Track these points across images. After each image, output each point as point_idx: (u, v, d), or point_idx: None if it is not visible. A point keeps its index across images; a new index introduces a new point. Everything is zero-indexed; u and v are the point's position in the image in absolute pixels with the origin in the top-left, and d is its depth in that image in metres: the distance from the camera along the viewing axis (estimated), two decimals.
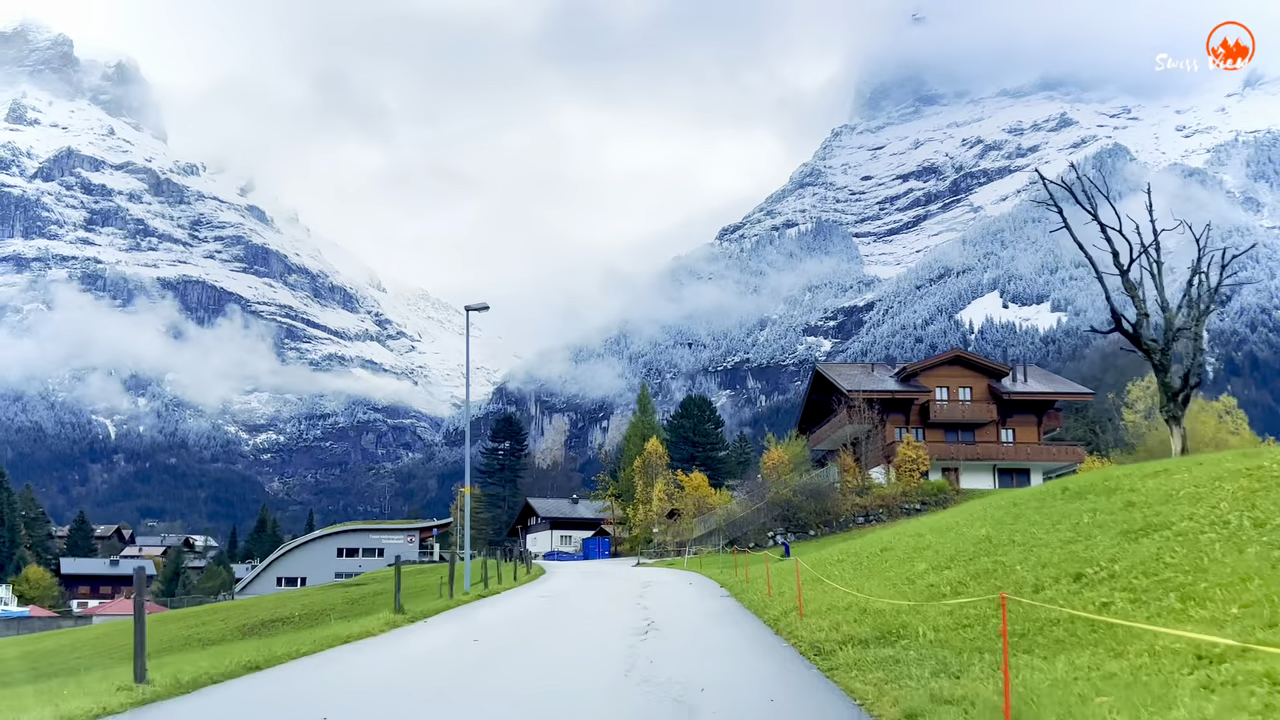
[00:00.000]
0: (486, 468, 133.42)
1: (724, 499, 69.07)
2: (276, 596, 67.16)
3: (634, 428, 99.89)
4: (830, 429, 69.33)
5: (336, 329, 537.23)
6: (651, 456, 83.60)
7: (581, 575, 44.00)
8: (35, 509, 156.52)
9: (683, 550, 62.46)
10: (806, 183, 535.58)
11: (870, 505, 55.20)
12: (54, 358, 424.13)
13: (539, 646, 16.72)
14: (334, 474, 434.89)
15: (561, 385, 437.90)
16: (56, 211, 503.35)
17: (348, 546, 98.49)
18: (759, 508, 57.73)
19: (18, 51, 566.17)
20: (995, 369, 67.70)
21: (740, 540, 55.41)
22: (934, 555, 20.85)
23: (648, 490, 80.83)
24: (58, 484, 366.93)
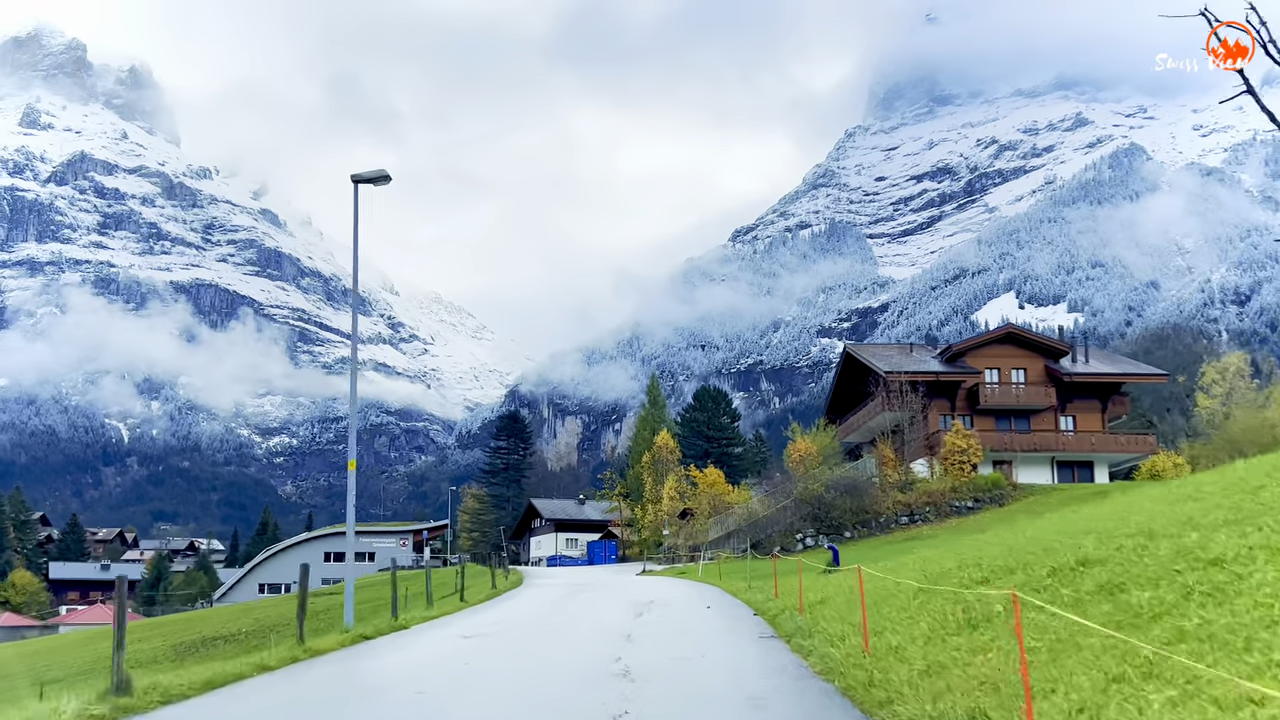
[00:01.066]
0: (490, 467, 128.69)
1: (743, 497, 62.58)
2: (241, 607, 64.33)
3: (643, 421, 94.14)
4: (863, 417, 62.05)
5: (349, 332, 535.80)
6: (661, 451, 77.59)
7: (565, 590, 34.54)
8: (26, 512, 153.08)
9: (697, 555, 56.01)
10: (820, 184, 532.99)
11: (915, 503, 48.89)
12: (67, 361, 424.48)
13: None
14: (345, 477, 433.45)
15: (574, 388, 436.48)
16: (70, 215, 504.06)
17: (336, 550, 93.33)
18: (785, 506, 50.97)
19: (31, 56, 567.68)
20: (1053, 347, 60.51)
21: (764, 543, 48.95)
22: None
23: (657, 488, 74.86)
24: (71, 487, 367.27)
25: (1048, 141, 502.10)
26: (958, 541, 31.45)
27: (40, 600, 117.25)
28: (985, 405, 57.86)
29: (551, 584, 40.25)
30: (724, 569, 39.73)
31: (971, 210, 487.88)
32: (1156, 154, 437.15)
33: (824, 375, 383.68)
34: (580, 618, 22.82)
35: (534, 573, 57.38)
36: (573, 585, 37.85)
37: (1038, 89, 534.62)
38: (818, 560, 39.41)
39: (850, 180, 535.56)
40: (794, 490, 50.85)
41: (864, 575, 14.68)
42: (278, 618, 44.45)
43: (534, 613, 24.99)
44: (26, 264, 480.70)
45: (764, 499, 55.77)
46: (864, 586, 14.08)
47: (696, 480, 67.36)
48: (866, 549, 40.78)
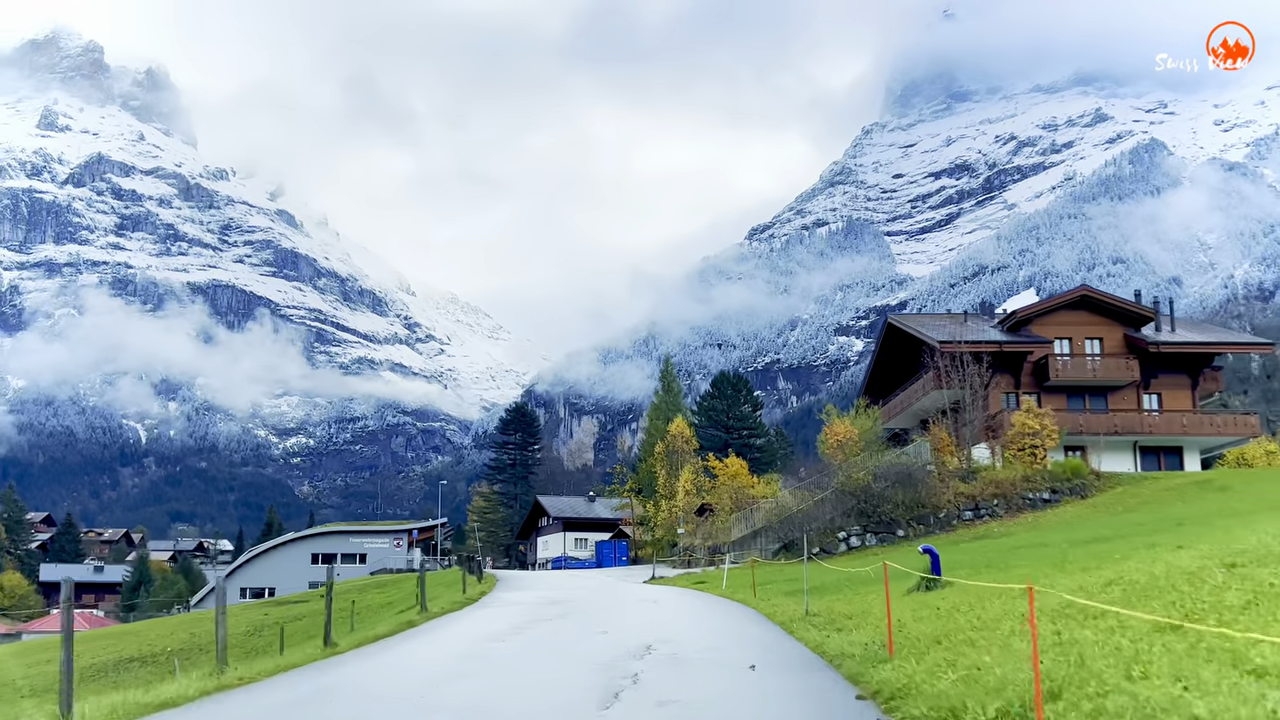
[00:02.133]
0: (496, 464, 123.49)
1: (770, 489, 56.13)
2: (195, 616, 59.94)
3: (656, 410, 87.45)
4: (910, 398, 54.93)
5: (366, 332, 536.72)
6: (676, 440, 70.80)
7: (527, 613, 24.15)
8: (20, 511, 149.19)
9: (718, 557, 48.98)
10: (837, 181, 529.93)
11: (980, 495, 42.19)
12: (85, 362, 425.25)
13: None
14: (364, 477, 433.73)
15: (590, 387, 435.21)
16: (87, 217, 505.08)
17: (324, 551, 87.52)
18: (823, 499, 43.91)
19: (49, 59, 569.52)
20: (1133, 312, 53.36)
21: (798, 543, 39.59)
22: None
23: (671, 482, 68.49)
24: (89, 488, 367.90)
25: (1067, 137, 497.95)
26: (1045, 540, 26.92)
27: (30, 603, 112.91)
28: (1055, 381, 50.75)
29: (521, 599, 29.77)
30: (759, 577, 30.76)
31: (990, 207, 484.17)
32: (1178, 149, 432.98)
33: (842, 373, 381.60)
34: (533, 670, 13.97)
35: (521, 579, 49.23)
36: (544, 603, 27.56)
37: (1056, 85, 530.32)
38: (856, 562, 31.97)
39: (868, 178, 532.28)
40: (834, 480, 43.99)
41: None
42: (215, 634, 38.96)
43: (480, 644, 17.07)
44: (44, 265, 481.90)
45: (796, 492, 48.79)
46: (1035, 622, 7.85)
47: (715, 471, 61.19)
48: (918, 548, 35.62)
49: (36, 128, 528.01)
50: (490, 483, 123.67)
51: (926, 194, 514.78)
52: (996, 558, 25.30)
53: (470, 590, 35.71)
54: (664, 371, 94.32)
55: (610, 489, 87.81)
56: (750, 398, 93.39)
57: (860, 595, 20.11)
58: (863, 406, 55.72)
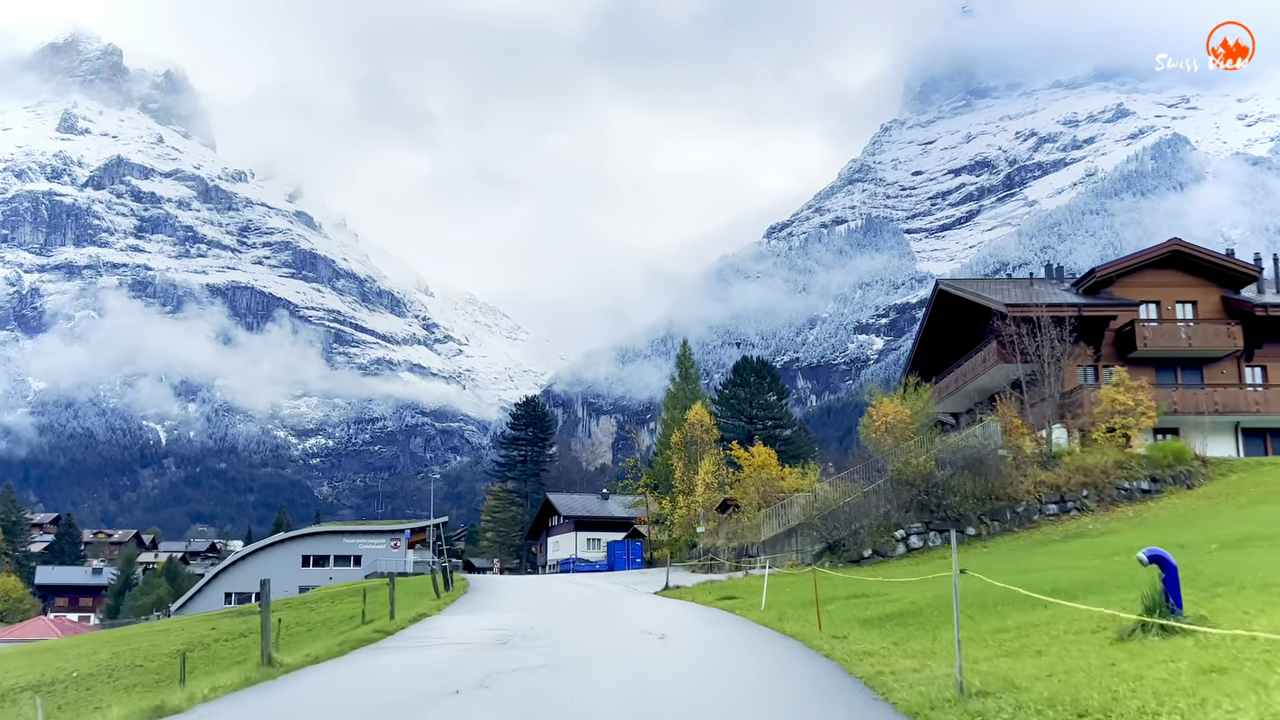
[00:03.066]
0: (506, 460, 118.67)
1: (808, 480, 49.72)
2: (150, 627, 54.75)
3: (672, 398, 79.77)
4: (964, 375, 48.07)
5: (384, 333, 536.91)
6: (694, 428, 64.61)
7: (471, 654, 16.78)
8: (17, 511, 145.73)
9: (745, 561, 43.22)
10: (856, 179, 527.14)
11: (1065, 484, 35.53)
12: (105, 364, 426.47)
13: None
14: (383, 478, 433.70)
15: (608, 387, 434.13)
16: (107, 219, 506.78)
17: (315, 554, 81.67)
18: (874, 490, 37.36)
19: (69, 62, 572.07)
20: (1234, 270, 46.06)
21: (846, 544, 34.93)
22: None
23: (689, 475, 62.55)
24: (109, 490, 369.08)
25: (1088, 133, 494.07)
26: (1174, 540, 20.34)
27: (24, 606, 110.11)
28: (1143, 351, 43.56)
29: (464, 631, 21.12)
30: (806, 589, 23.74)
31: (1011, 204, 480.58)
32: (1200, 144, 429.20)
33: (862, 372, 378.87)
34: None
35: (500, 588, 41.94)
36: (493, 640, 18.67)
37: (1077, 80, 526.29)
38: (923, 568, 27.11)
39: (886, 175, 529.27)
40: (889, 469, 37.28)
41: None
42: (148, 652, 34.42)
43: None
44: (64, 268, 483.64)
45: (838, 483, 42.55)
46: None
47: (740, 461, 55.02)
48: (1018, 553, 28.28)
49: (56, 131, 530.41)
50: (501, 481, 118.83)
51: (946, 191, 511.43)
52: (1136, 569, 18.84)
53: (430, 603, 28.96)
54: (681, 357, 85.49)
55: (623, 485, 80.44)
56: (775, 385, 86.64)
57: (1023, 635, 12.72)
58: (912, 385, 47.76)
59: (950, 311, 51.11)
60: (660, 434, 80.00)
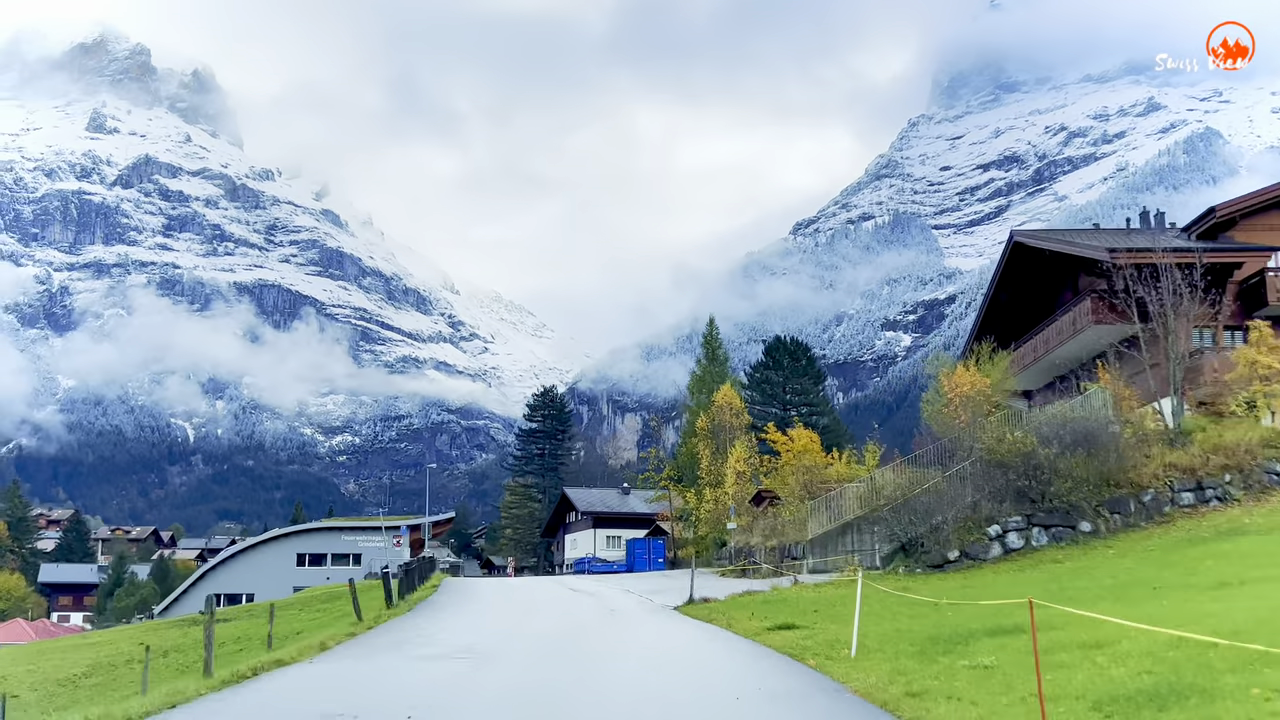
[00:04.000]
0: (523, 453, 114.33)
1: (865, 467, 42.67)
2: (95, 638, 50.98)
3: (697, 382, 71.34)
4: (1048, 341, 41.15)
5: (411, 331, 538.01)
6: (723, 412, 57.76)
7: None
8: (23, 508, 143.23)
9: (791, 564, 36.03)
10: (883, 174, 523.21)
11: (1202, 467, 28.70)
12: (133, 362, 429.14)
13: None
14: (409, 475, 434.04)
15: (633, 384, 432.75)
16: (135, 218, 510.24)
17: (311, 552, 76.73)
18: (954, 474, 31.02)
19: (98, 62, 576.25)
20: None
21: (923, 541, 28.36)
22: None
23: (717, 465, 56.57)
24: (137, 487, 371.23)
25: (1119, 127, 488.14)
26: None
27: (25, 606, 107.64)
28: (1276, 307, 36.26)
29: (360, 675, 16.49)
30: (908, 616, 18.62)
31: (1041, 199, 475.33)
32: (1234, 138, 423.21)
33: (889, 369, 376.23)
34: None
35: (473, 594, 38.01)
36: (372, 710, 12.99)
37: (1107, 74, 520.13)
38: (1034, 574, 22.93)
39: (914, 170, 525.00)
40: (976, 449, 30.78)
41: None
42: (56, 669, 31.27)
43: None
44: (93, 266, 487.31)
45: (901, 470, 35.97)
46: None
47: (777, 446, 48.31)
48: (1169, 555, 22.99)
49: (85, 130, 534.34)
50: (518, 475, 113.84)
51: (975, 186, 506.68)
52: None
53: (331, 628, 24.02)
54: (708, 338, 76.47)
55: (644, 477, 74.59)
56: (811, 368, 78.49)
57: None
58: (986, 352, 40.78)
59: (1026, 270, 43.90)
60: (685, 422, 72.47)
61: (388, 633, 23.48)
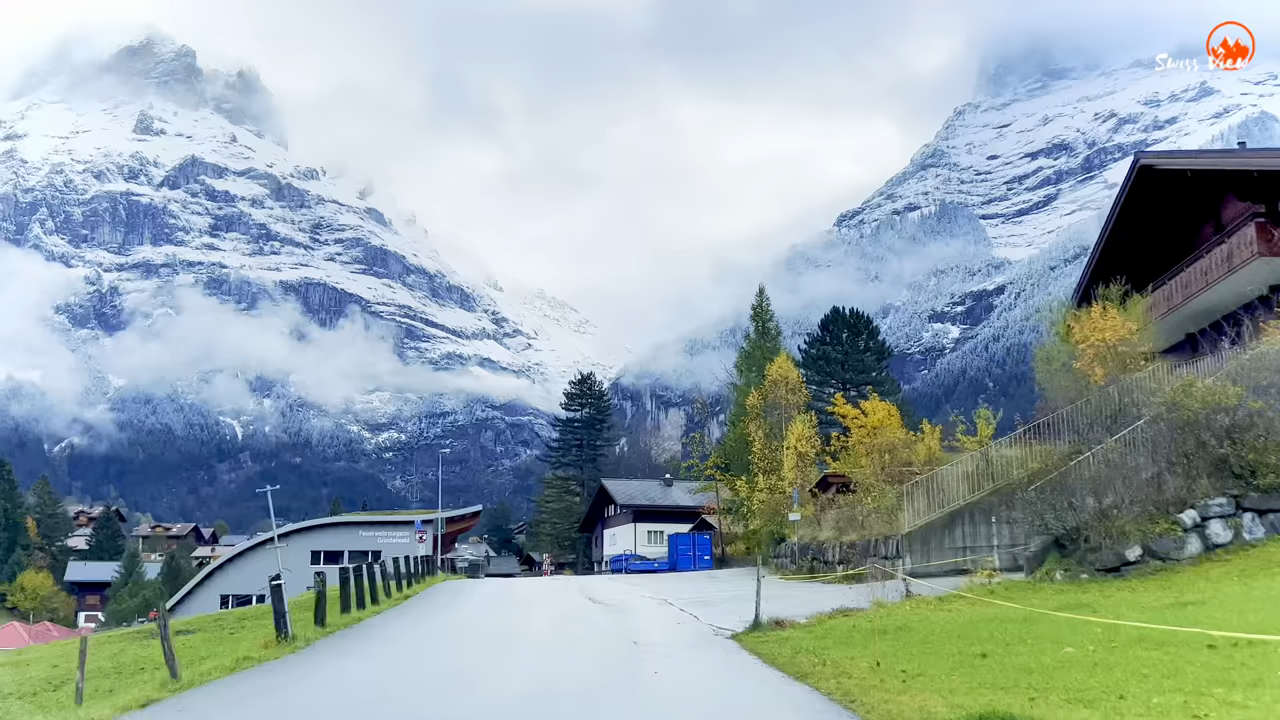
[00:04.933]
0: (560, 444, 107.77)
1: (975, 439, 34.07)
2: None
3: (746, 357, 62.60)
4: (1193, 282, 33.61)
5: (455, 328, 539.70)
6: (778, 387, 50.03)
7: None
8: (53, 505, 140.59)
9: (879, 566, 25.95)
10: (929, 164, 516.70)
11: None
12: (182, 361, 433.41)
13: None
14: (454, 471, 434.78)
15: (676, 379, 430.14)
16: (182, 218, 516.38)
17: (327, 549, 69.23)
18: (1128, 441, 23.32)
19: (144, 64, 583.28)
20: None
21: (1083, 535, 21.53)
22: None
23: (772, 448, 48.90)
24: (186, 484, 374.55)
25: (1170, 113, 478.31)
26: None
27: (53, 605, 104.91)
28: None
29: None
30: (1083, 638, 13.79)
31: (1091, 187, 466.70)
32: None
33: (937, 361, 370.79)
34: None
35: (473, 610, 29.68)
36: None
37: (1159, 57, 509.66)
38: (1269, 583, 16.64)
39: (960, 160, 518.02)
40: (1153, 400, 24.07)
41: None
42: None
43: None
44: (142, 266, 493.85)
45: (1025, 443, 29.53)
46: None
47: (847, 422, 41.65)
48: None
49: (133, 132, 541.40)
50: (555, 467, 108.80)
51: (1023, 175, 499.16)
52: None
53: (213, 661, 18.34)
54: (757, 309, 66.72)
55: (688, 465, 69.02)
56: (874, 342, 69.24)
57: None
58: (1116, 296, 33.31)
59: (1152, 202, 36.12)
60: (732, 404, 65.20)
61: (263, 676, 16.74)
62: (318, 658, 18.71)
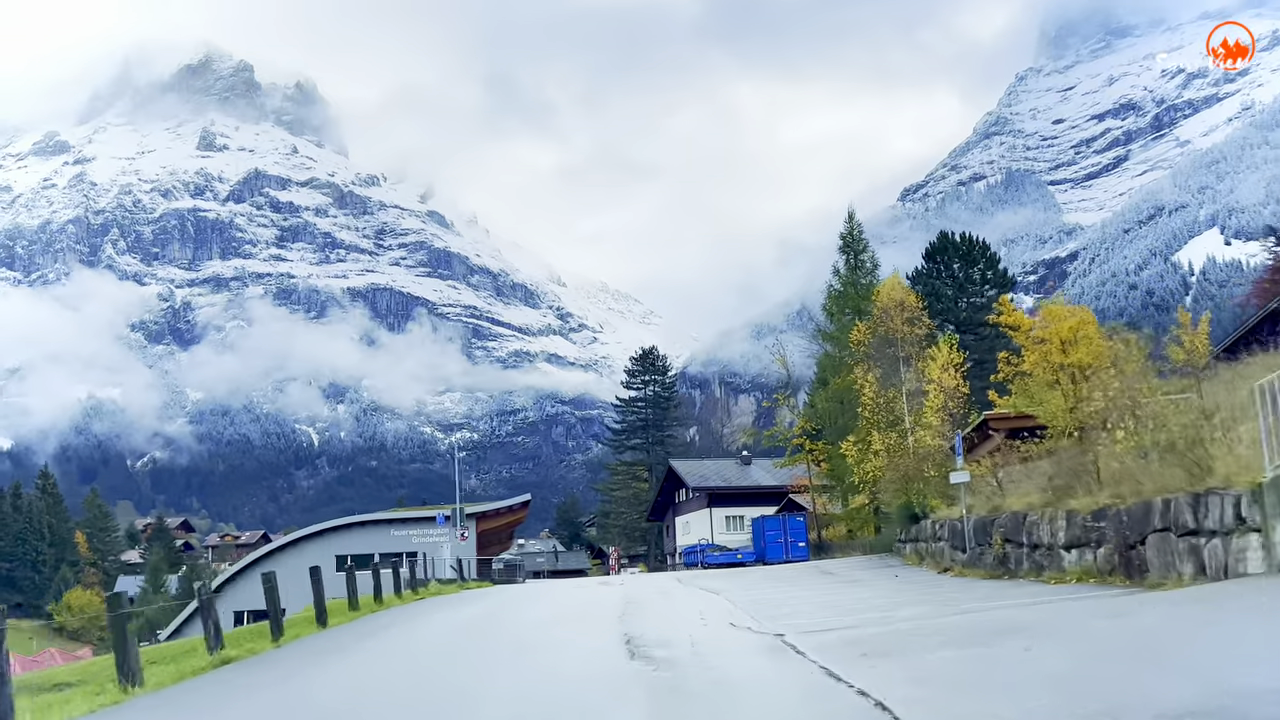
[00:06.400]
0: (623, 424, 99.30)
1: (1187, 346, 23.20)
2: None
3: (837, 298, 53.41)
4: None
5: (520, 326, 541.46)
6: (889, 316, 39.77)
7: None
8: (104, 518, 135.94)
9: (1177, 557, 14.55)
10: (992, 133, 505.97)
11: None
12: (256, 371, 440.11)
13: None
14: (527, 468, 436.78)
15: (744, 365, 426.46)
16: (249, 231, 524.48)
17: (356, 552, 53.99)
18: None
19: (204, 82, 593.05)
20: None
21: None
22: None
23: (889, 398, 38.72)
24: (266, 492, 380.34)
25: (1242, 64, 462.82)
26: None
27: (101, 623, 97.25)
28: None
29: None
30: None
31: (1161, 146, 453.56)
32: None
33: None
34: None
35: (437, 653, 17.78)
36: None
37: (1227, 9, 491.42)
38: None
39: (1025, 126, 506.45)
40: None
41: None
42: None
43: None
44: (212, 281, 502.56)
45: None
46: None
47: (1018, 335, 26.79)
48: None
49: (196, 149, 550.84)
50: (618, 451, 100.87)
51: (1090, 138, 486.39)
52: None
53: None
54: (847, 237, 55.32)
55: (770, 434, 61.92)
56: (993, 271, 59.32)
57: None
58: None
59: None
60: (820, 355, 54.93)
61: None
62: None
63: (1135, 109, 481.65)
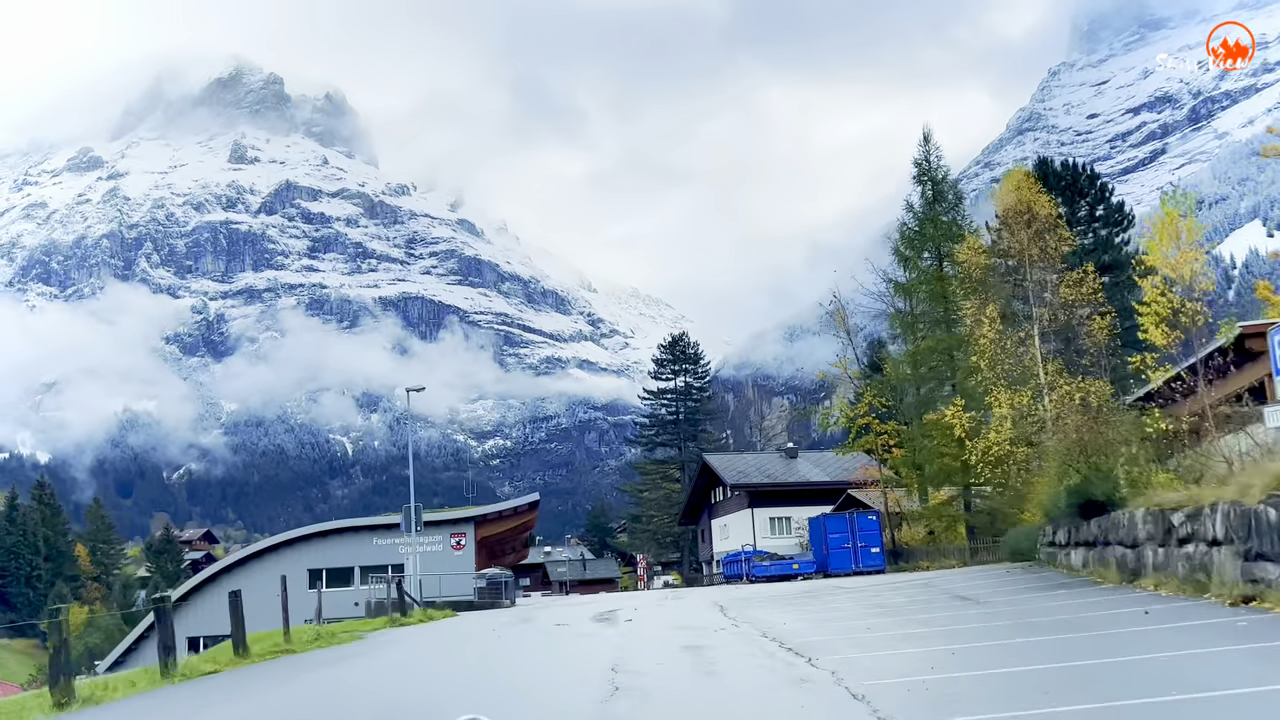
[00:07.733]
0: (651, 419, 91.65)
1: None
2: None
3: (910, 239, 46.47)
4: None
5: (552, 332, 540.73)
6: (1016, 223, 31.82)
7: None
8: (107, 531, 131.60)
9: None
10: (1026, 129, 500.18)
11: None
12: (289, 382, 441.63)
13: None
14: (561, 474, 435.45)
15: (777, 367, 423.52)
16: (281, 243, 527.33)
17: (330, 565, 51.56)
18: None
19: (235, 95, 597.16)
20: None
21: None
22: None
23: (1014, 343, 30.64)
24: (301, 502, 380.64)
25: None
26: None
27: (115, 638, 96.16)
28: None
29: None
30: None
31: (1199, 138, 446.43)
32: None
33: None
34: None
35: None
36: None
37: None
38: None
39: (1059, 121, 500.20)
40: None
41: None
42: None
43: None
44: (245, 292, 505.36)
45: None
46: None
47: None
48: None
49: (228, 162, 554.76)
50: (647, 449, 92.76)
51: (1126, 132, 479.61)
52: None
53: None
54: (922, 164, 48.71)
55: (824, 412, 54.67)
56: (1106, 206, 51.47)
57: None
58: None
59: None
60: (891, 318, 48.48)
61: None
62: None
63: (1172, 101, 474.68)
